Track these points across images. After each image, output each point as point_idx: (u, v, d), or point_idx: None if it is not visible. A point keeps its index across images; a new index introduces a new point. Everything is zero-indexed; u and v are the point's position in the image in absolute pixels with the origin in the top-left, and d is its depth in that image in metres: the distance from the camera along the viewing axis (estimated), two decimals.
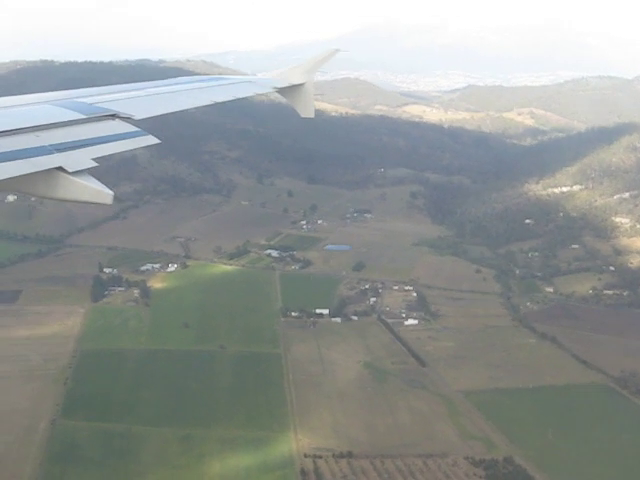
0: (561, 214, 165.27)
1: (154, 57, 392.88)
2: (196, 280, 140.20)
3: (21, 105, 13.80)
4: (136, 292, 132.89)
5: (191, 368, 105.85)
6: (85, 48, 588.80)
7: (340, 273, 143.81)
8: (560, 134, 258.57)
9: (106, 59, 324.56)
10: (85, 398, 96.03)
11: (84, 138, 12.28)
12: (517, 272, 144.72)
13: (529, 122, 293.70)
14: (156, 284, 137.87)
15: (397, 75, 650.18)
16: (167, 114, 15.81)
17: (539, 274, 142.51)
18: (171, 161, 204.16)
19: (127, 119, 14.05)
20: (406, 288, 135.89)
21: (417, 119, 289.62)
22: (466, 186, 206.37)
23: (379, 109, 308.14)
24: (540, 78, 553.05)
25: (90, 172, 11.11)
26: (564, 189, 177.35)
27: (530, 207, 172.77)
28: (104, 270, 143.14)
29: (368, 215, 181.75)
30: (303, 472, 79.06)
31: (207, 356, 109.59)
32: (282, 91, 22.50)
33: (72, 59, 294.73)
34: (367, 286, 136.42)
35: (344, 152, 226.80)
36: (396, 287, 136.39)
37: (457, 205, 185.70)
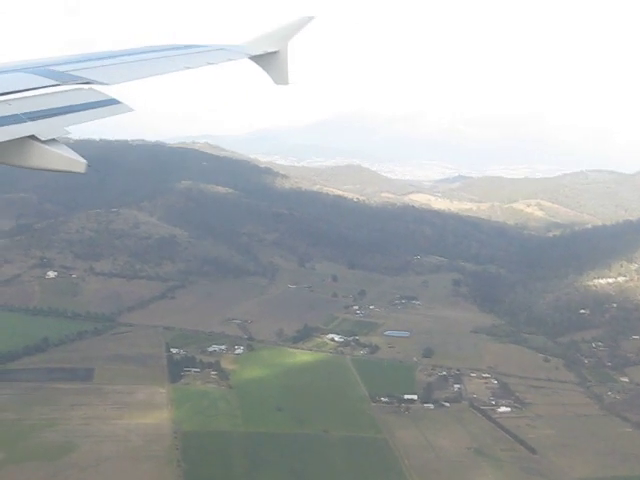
0: (614, 305, 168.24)
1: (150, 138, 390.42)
2: (270, 363, 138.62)
3: None
4: (213, 374, 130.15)
5: (301, 452, 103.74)
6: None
7: (410, 359, 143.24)
8: (576, 227, 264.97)
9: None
10: None
11: (57, 106, 12.40)
12: (586, 362, 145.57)
13: (539, 214, 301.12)
14: (228, 366, 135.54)
15: (373, 163, 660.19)
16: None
17: (609, 364, 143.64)
18: (211, 242, 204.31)
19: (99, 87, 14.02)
20: (484, 375, 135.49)
21: (429, 207, 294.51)
22: (503, 275, 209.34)
23: (386, 197, 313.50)
24: (516, 171, 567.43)
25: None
26: (609, 280, 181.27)
27: (581, 297, 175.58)
28: (171, 350, 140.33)
29: (415, 302, 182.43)
30: None
31: (313, 440, 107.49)
32: (256, 59, 22.17)
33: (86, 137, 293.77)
34: (444, 373, 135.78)
35: (375, 238, 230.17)
36: (473, 374, 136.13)
37: (503, 294, 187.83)
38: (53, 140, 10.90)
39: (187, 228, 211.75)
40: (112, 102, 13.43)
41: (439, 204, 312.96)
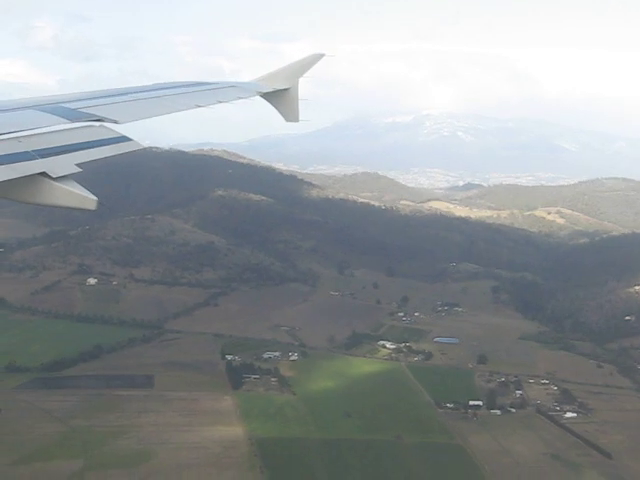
0: None
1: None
2: (329, 369, 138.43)
3: (5, 110, 13.82)
4: (273, 380, 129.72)
5: (379, 458, 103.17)
6: None
7: (466, 365, 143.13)
8: (604, 235, 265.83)
9: None
10: None
11: (68, 143, 12.48)
12: (639, 367, 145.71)
13: (560, 221, 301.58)
14: (286, 372, 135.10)
15: (375, 172, 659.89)
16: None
17: None
18: (249, 250, 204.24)
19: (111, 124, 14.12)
20: (542, 382, 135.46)
21: (453, 215, 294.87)
22: (540, 283, 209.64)
23: (405, 204, 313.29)
24: (520, 179, 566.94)
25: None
26: None
27: (624, 304, 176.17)
28: (226, 357, 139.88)
29: (458, 309, 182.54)
30: None
31: (388, 446, 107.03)
32: (266, 96, 22.13)
33: None
34: (503, 379, 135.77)
35: (408, 245, 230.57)
36: (532, 381, 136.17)
37: (544, 301, 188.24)
38: (64, 177, 10.94)
39: (223, 235, 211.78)
40: (123, 139, 13.55)
41: (459, 211, 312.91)
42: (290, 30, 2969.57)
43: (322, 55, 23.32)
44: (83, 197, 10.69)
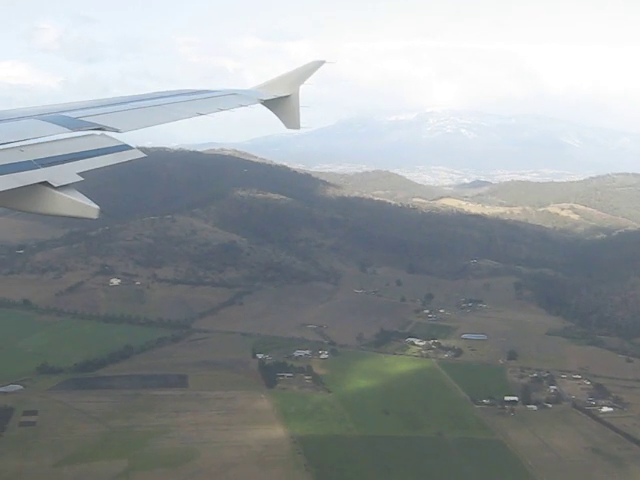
0: None
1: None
2: (361, 367, 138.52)
3: (7, 119, 13.92)
4: (307, 378, 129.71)
5: (423, 454, 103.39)
6: None
7: (496, 361, 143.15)
8: (621, 231, 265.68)
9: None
10: None
11: (69, 152, 12.59)
12: None
13: (574, 217, 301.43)
14: (319, 370, 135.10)
15: (386, 170, 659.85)
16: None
17: None
18: (270, 248, 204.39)
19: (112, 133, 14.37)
20: (574, 377, 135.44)
21: (468, 212, 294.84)
22: (561, 279, 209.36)
23: (418, 202, 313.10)
24: (525, 175, 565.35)
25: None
26: None
27: None
28: (257, 356, 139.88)
29: (482, 305, 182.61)
30: None
31: (429, 442, 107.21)
32: (267, 103, 22.28)
33: None
34: (535, 375, 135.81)
35: (427, 242, 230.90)
36: (564, 376, 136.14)
37: (567, 297, 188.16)
38: (66, 186, 10.96)
39: (244, 234, 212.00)
40: (124, 148, 13.61)
41: (472, 209, 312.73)
42: (294, 29, 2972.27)
43: (322, 62, 23.38)
44: (85, 206, 10.79)
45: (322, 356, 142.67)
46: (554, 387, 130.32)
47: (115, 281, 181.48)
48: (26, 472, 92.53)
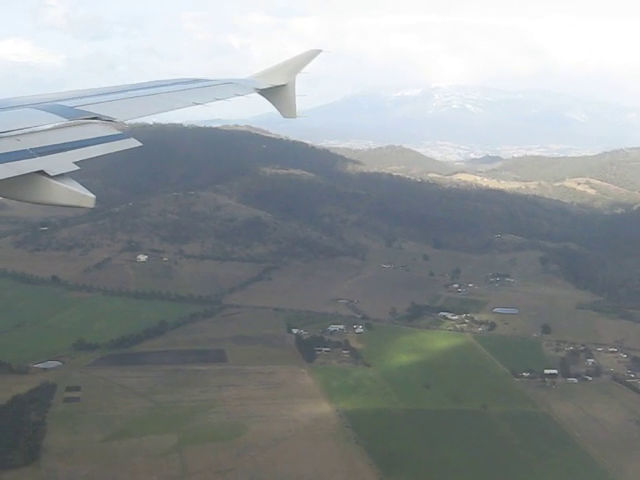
0: None
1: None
2: (398, 341, 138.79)
3: (3, 108, 13.84)
4: (345, 352, 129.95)
5: (469, 427, 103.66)
6: None
7: (531, 335, 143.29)
8: (638, 205, 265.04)
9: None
10: (394, 457, 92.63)
11: (65, 141, 12.48)
12: None
13: (591, 192, 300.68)
14: (356, 345, 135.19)
15: (400, 145, 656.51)
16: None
17: None
18: (296, 224, 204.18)
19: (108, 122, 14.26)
20: (610, 350, 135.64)
21: (487, 187, 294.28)
22: (586, 253, 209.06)
23: (434, 177, 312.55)
24: (532, 150, 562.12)
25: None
26: None
27: None
28: (292, 331, 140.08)
29: (509, 279, 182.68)
30: None
31: (475, 415, 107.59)
32: (264, 92, 22.19)
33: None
34: (571, 348, 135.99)
35: (450, 217, 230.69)
36: (600, 349, 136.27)
37: (593, 271, 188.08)
38: (62, 175, 10.96)
39: (268, 210, 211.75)
40: (121, 137, 13.57)
41: (488, 183, 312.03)
42: (301, 4, 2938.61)
43: (319, 51, 23.38)
44: (81, 195, 10.69)
45: (357, 330, 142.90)
46: (592, 360, 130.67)
47: (142, 257, 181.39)
48: (76, 447, 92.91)
